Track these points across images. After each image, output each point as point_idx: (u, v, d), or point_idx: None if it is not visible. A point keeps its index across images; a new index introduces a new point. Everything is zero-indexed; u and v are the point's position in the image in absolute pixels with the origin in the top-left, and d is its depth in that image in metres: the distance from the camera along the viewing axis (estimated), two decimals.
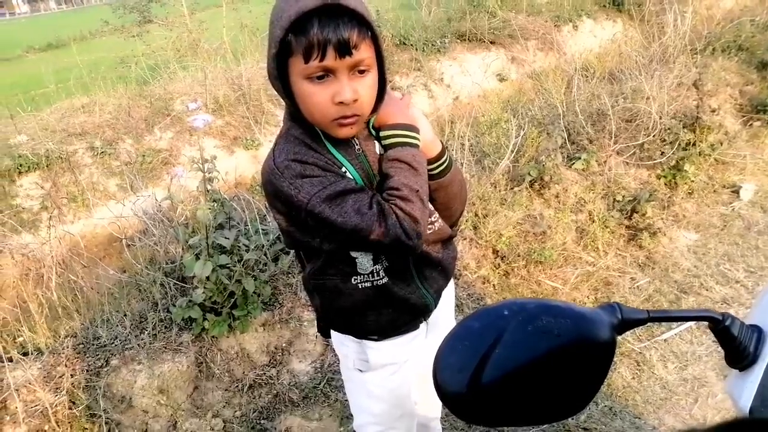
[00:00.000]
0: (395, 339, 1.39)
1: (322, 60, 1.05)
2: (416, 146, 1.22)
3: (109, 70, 7.64)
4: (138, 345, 2.39)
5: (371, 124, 1.24)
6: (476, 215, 3.29)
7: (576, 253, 3.37)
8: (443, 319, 1.51)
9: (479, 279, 3.15)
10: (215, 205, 2.55)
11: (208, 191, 2.64)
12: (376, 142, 1.25)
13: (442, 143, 1.33)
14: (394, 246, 1.15)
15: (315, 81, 1.08)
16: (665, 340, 2.88)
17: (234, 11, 8.23)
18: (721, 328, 0.75)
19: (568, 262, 3.32)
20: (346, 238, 1.16)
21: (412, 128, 1.23)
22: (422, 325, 1.44)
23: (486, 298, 3.07)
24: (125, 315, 2.53)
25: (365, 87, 1.12)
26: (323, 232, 1.19)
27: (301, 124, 1.18)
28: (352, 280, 1.28)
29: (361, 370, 1.44)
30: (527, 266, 3.23)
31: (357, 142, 1.22)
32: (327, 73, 1.08)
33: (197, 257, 2.34)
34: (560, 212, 3.48)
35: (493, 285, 3.13)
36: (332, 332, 1.46)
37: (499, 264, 3.23)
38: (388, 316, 1.36)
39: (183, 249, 2.57)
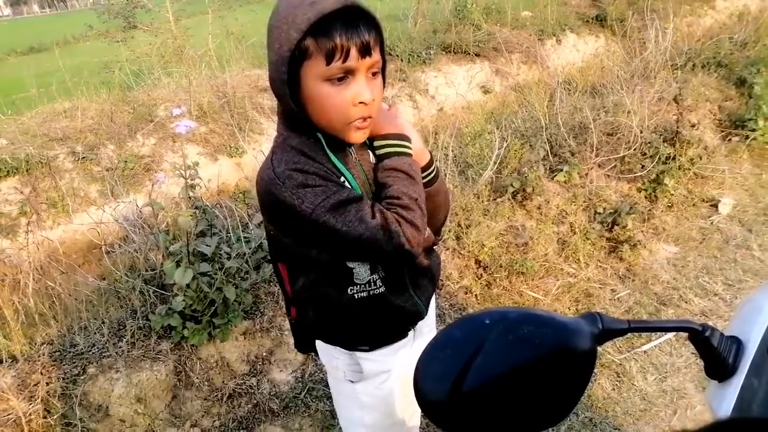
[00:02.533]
0: (386, 348, 1.39)
1: (345, 61, 1.06)
2: (410, 155, 1.23)
3: (92, 75, 7.58)
4: (116, 353, 2.35)
5: None
6: (459, 225, 3.30)
7: (557, 264, 3.39)
8: (427, 326, 1.51)
9: (461, 289, 3.15)
10: (197, 212, 2.53)
11: (189, 198, 2.62)
12: (369, 151, 1.25)
13: (429, 153, 1.33)
14: (396, 254, 1.14)
15: (335, 83, 1.09)
16: (645, 352, 2.90)
17: (220, 18, 8.21)
18: (700, 338, 0.76)
19: (550, 273, 3.34)
20: (349, 247, 1.15)
21: (404, 137, 1.24)
22: (410, 333, 1.44)
23: (468, 309, 3.08)
24: (103, 322, 2.49)
25: (378, 89, 1.14)
26: (324, 243, 1.18)
27: (299, 134, 1.17)
28: (348, 290, 1.27)
29: (352, 381, 1.43)
30: (509, 277, 3.24)
31: (353, 152, 1.22)
32: (347, 75, 1.09)
33: (178, 264, 2.32)
34: (542, 224, 3.50)
35: (476, 295, 3.14)
36: (321, 345, 1.45)
37: (481, 274, 3.24)
38: (382, 325, 1.36)
39: (163, 256, 2.54)
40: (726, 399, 0.75)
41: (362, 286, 1.27)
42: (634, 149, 3.94)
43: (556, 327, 0.73)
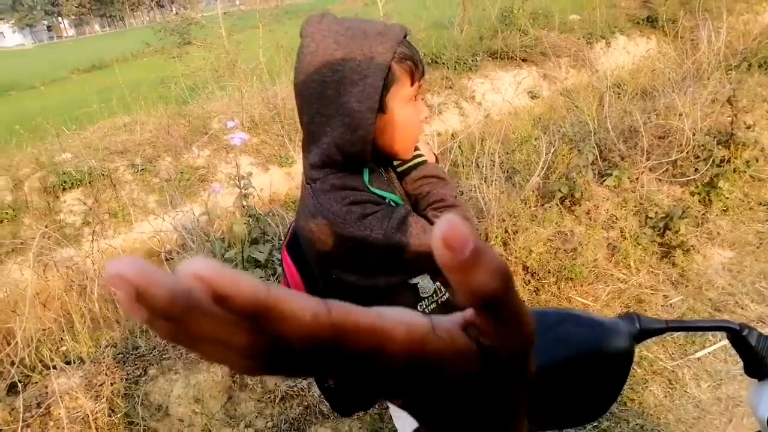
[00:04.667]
0: None
1: (420, 78, 1.14)
2: (426, 161, 1.28)
3: (149, 90, 7.91)
4: (175, 355, 2.47)
5: None
6: (506, 231, 3.31)
7: (607, 270, 3.35)
8: None
9: None
10: (250, 220, 2.63)
11: (243, 207, 2.73)
12: (391, 170, 1.30)
13: (434, 155, 1.38)
14: None
15: (413, 101, 1.15)
16: (698, 359, 2.84)
17: (270, 32, 8.44)
18: (739, 338, 0.78)
19: (599, 279, 3.30)
20: (422, 259, 1.14)
21: (416, 148, 1.28)
22: None
23: None
24: None
25: None
26: (397, 263, 1.16)
27: (337, 171, 1.15)
28: (419, 307, 1.25)
29: None
30: (557, 283, 3.23)
31: (382, 172, 1.25)
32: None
33: None
34: (591, 229, 3.47)
35: (524, 301, 3.14)
36: None
37: (529, 280, 3.23)
38: None
39: (221, 262, 2.65)
40: (764, 398, 0.76)
41: (430, 298, 1.27)
42: (687, 152, 3.86)
43: (594, 326, 0.76)
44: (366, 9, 10.70)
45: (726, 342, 2.89)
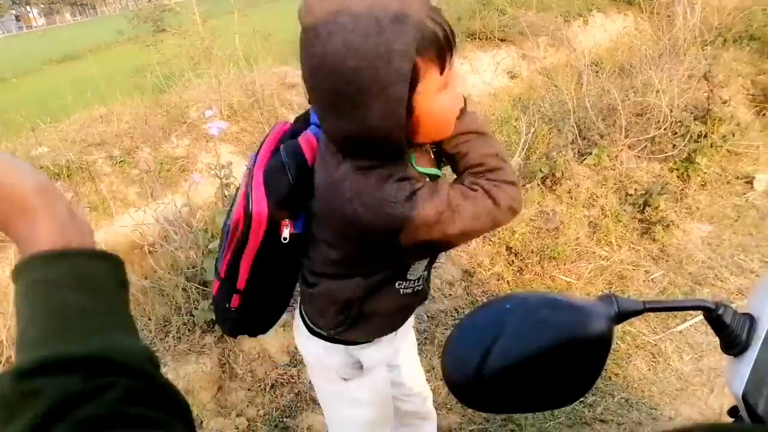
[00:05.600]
0: (385, 338, 1.38)
1: (452, 56, 0.98)
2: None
3: (125, 79, 7.79)
4: (163, 348, 2.47)
5: None
6: None
7: (589, 248, 3.40)
8: None
9: (493, 276, 3.19)
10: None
11: (225, 196, 2.72)
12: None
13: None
14: (507, 219, 1.10)
15: (445, 89, 1.00)
16: (680, 332, 2.91)
17: (246, 17, 8.33)
18: (714, 316, 0.80)
19: (582, 257, 3.35)
20: (469, 232, 1.07)
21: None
22: None
23: (501, 295, 3.11)
24: (150, 319, 2.61)
25: None
26: (446, 239, 1.07)
27: (363, 156, 1.03)
28: (396, 284, 1.23)
29: (345, 379, 1.39)
30: (541, 262, 3.27)
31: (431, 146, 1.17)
32: None
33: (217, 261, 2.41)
34: (572, 208, 3.51)
35: (508, 282, 3.17)
36: (311, 346, 1.39)
37: (512, 261, 3.27)
38: (404, 317, 1.37)
39: (203, 253, 2.64)
40: (739, 374, 0.79)
41: (412, 281, 1.25)
42: (665, 129, 3.90)
43: (573, 310, 0.78)
44: None
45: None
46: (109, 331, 0.53)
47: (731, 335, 0.80)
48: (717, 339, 0.84)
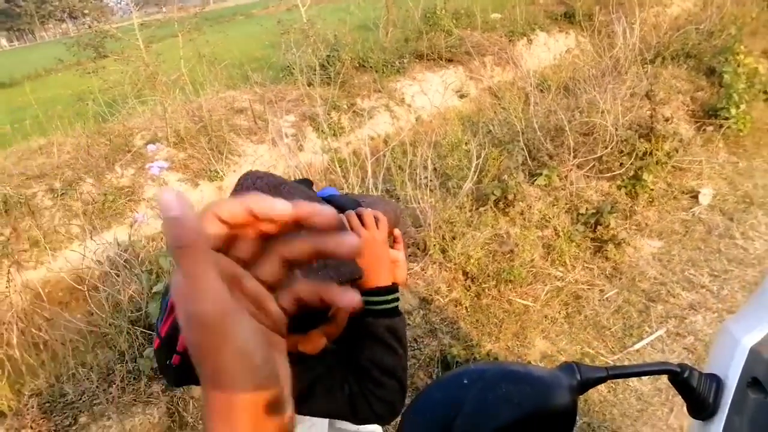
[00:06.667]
0: None
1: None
2: (393, 311, 1.06)
3: (65, 108, 7.51)
4: (106, 400, 2.32)
5: None
6: (444, 239, 3.30)
7: (544, 269, 3.40)
8: None
9: (451, 302, 3.15)
10: None
11: None
12: None
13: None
14: (367, 424, 1.09)
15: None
16: (637, 350, 2.92)
17: (191, 42, 8.18)
18: (680, 380, 0.76)
19: (538, 279, 3.35)
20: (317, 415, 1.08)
21: (390, 289, 1.06)
22: None
23: (459, 321, 3.08)
24: (91, 369, 2.46)
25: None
26: None
27: None
28: None
29: None
30: (498, 286, 3.25)
31: None
32: None
33: None
34: (526, 229, 3.51)
35: (465, 307, 3.14)
36: None
37: (470, 286, 3.24)
38: None
39: (148, 296, 2.51)
40: None
41: None
42: (611, 148, 3.97)
43: (534, 382, 0.73)
44: (289, 14, 10.54)
45: (661, 332, 2.99)
46: None
47: (699, 399, 0.76)
48: (673, 356, 0.81)
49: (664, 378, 2.54)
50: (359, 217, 1.06)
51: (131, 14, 7.90)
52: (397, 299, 1.06)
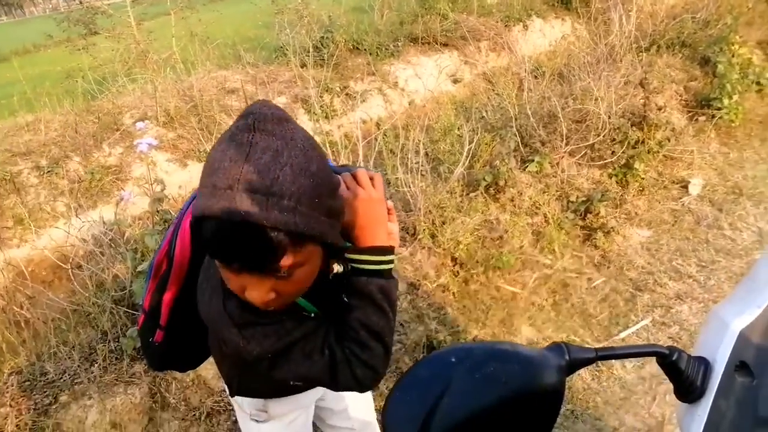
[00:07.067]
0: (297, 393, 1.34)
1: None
2: (386, 273, 1.03)
3: (54, 85, 7.40)
4: (88, 379, 2.30)
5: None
6: (433, 223, 3.28)
7: (533, 256, 3.39)
8: None
9: (439, 288, 3.14)
10: (165, 226, 2.47)
11: (158, 212, 2.56)
12: (335, 264, 1.07)
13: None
14: (345, 390, 1.05)
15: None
16: (622, 339, 2.93)
17: (183, 20, 8.06)
18: (668, 362, 0.75)
19: (526, 266, 3.34)
20: (291, 380, 1.05)
21: (386, 250, 1.03)
22: None
23: (446, 307, 3.07)
24: (74, 347, 2.43)
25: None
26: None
27: None
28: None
29: (257, 421, 1.35)
30: (486, 272, 3.24)
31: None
32: None
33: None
34: (516, 216, 3.50)
35: (453, 293, 3.13)
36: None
37: (458, 271, 3.23)
38: (287, 390, 1.30)
39: (132, 275, 2.48)
40: (695, 421, 0.74)
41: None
42: (603, 135, 3.95)
43: (523, 362, 0.72)
44: None
45: (647, 321, 3.00)
46: None
47: (686, 381, 0.75)
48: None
49: (648, 367, 2.53)
50: (354, 177, 1.03)
51: None
52: (392, 261, 1.04)
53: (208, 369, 2.48)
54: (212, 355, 1.35)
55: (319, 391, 1.42)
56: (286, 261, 0.86)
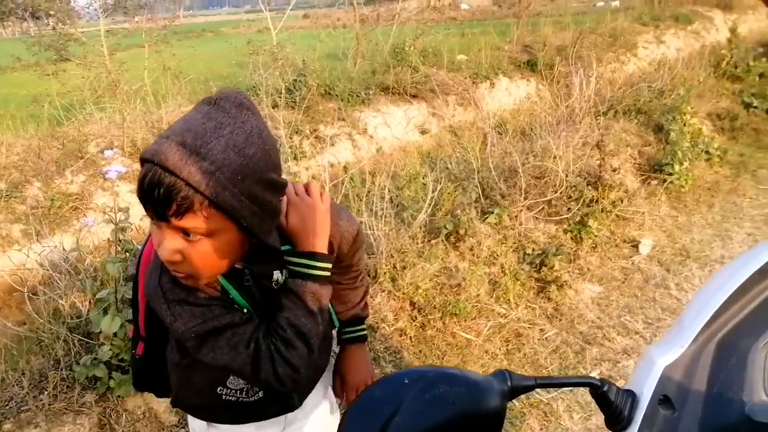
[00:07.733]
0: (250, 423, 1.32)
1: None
2: (319, 278, 1.08)
3: (19, 108, 7.32)
4: (36, 407, 2.25)
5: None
6: (395, 267, 3.35)
7: (489, 305, 3.48)
8: (303, 414, 1.37)
9: (396, 332, 3.19)
10: (128, 255, 2.48)
11: (120, 241, 2.57)
12: (275, 272, 1.13)
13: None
14: (265, 387, 1.09)
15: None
16: (571, 390, 3.00)
17: (157, 53, 8.13)
18: (599, 393, 0.82)
19: (482, 314, 3.42)
20: (213, 370, 1.10)
21: (320, 257, 1.09)
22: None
23: (403, 351, 3.11)
24: (23, 374, 2.38)
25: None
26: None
27: None
28: (218, 389, 1.20)
29: None
30: (443, 318, 3.31)
31: (247, 272, 1.10)
32: None
33: (105, 312, 2.26)
34: (474, 265, 3.60)
35: (410, 337, 3.18)
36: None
37: (416, 316, 3.29)
38: (233, 418, 1.28)
39: (90, 303, 2.47)
40: None
41: (234, 391, 1.21)
42: (561, 192, 4.13)
43: (469, 385, 0.78)
44: (259, 35, 10.61)
45: (595, 375, 3.09)
46: None
47: (615, 411, 0.82)
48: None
49: (594, 419, 2.61)
50: (305, 187, 1.12)
51: (98, 20, 7.82)
52: (328, 269, 1.10)
53: (160, 403, 2.45)
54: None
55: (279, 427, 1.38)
56: (191, 221, 0.91)
